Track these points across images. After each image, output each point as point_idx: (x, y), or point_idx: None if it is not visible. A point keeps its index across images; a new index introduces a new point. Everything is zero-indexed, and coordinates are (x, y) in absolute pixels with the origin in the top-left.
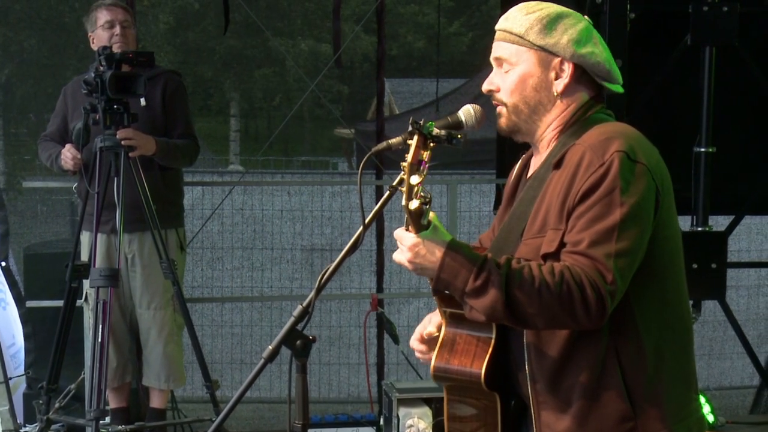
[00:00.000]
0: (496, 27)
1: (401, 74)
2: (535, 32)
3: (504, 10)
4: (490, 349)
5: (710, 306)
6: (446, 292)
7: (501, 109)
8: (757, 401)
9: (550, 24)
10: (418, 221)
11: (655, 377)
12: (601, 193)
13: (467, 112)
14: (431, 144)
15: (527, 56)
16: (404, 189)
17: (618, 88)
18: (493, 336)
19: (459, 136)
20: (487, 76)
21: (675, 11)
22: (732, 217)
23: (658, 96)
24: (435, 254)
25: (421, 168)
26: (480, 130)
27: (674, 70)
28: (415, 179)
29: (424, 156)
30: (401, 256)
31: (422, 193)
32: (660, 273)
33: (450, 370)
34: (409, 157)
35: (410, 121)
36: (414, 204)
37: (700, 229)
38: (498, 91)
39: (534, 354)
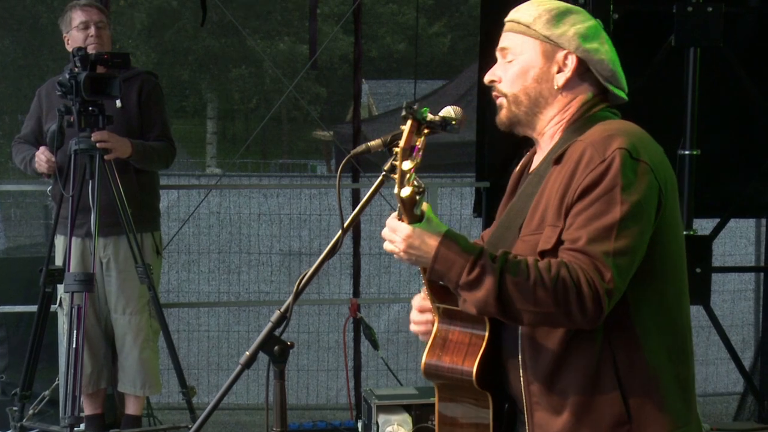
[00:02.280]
0: (506, 19)
1: (381, 75)
2: (542, 22)
3: (484, 10)
4: (483, 347)
5: (693, 311)
6: (441, 282)
7: (501, 101)
8: (741, 407)
9: (559, 16)
10: (410, 210)
11: (653, 382)
12: (601, 190)
13: (448, 113)
14: (425, 130)
15: (532, 45)
16: (396, 176)
17: (621, 94)
18: (486, 333)
19: (454, 122)
20: (467, 77)
21: (659, 12)
22: (716, 221)
23: (641, 98)
24: (429, 245)
25: (414, 154)
26: (459, 133)
27: (658, 72)
28: (407, 165)
29: (418, 142)
30: (394, 247)
31: (415, 182)
32: (661, 276)
33: (441, 368)
34: (401, 142)
35: (404, 105)
36: (406, 191)
37: (684, 233)
38: (500, 82)
39: (528, 354)
